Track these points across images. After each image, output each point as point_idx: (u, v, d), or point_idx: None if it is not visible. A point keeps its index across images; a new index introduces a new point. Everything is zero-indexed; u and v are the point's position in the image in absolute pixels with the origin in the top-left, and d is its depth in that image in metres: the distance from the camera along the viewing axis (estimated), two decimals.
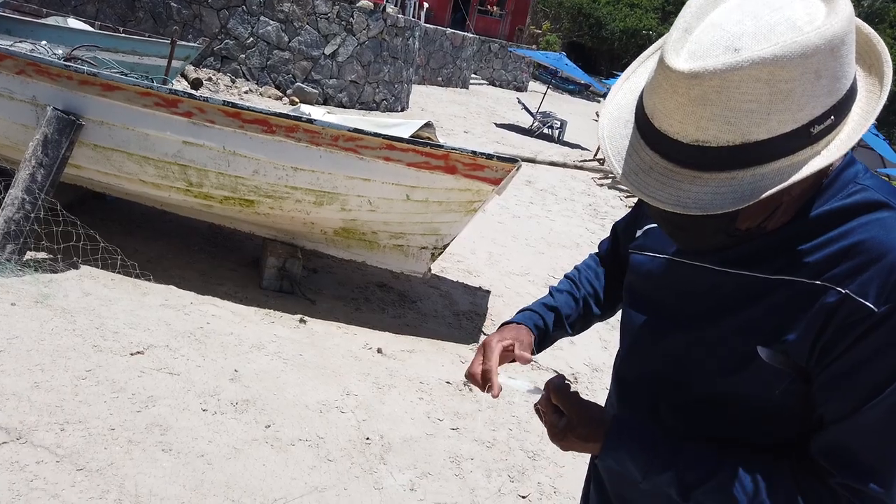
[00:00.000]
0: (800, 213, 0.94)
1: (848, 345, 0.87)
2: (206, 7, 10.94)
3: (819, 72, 0.78)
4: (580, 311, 1.31)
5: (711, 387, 1.00)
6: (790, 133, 0.80)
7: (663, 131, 0.84)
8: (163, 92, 3.62)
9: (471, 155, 3.82)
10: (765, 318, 0.94)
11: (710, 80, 0.77)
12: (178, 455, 2.60)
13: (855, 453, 0.89)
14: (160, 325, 3.45)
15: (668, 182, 0.85)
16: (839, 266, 0.88)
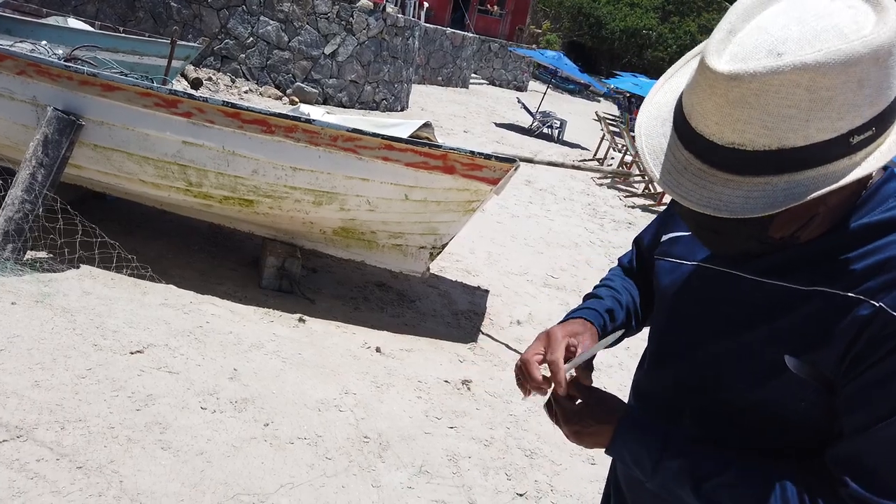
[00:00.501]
0: (837, 225, 0.93)
1: (878, 358, 0.86)
2: (206, 7, 10.95)
3: (862, 81, 0.77)
4: (624, 319, 1.26)
5: (737, 395, 1.00)
6: (829, 141, 0.79)
7: (700, 132, 0.84)
8: (162, 92, 3.64)
9: (469, 155, 3.84)
10: (796, 328, 0.93)
11: (750, 83, 0.78)
12: (177, 453, 2.61)
13: (869, 466, 0.88)
14: (160, 324, 3.47)
15: (701, 183, 0.86)
16: (874, 279, 0.87)
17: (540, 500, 2.88)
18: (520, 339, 4.49)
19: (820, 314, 0.91)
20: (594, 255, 6.92)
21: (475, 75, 24.39)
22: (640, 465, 1.01)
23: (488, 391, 3.68)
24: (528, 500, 2.86)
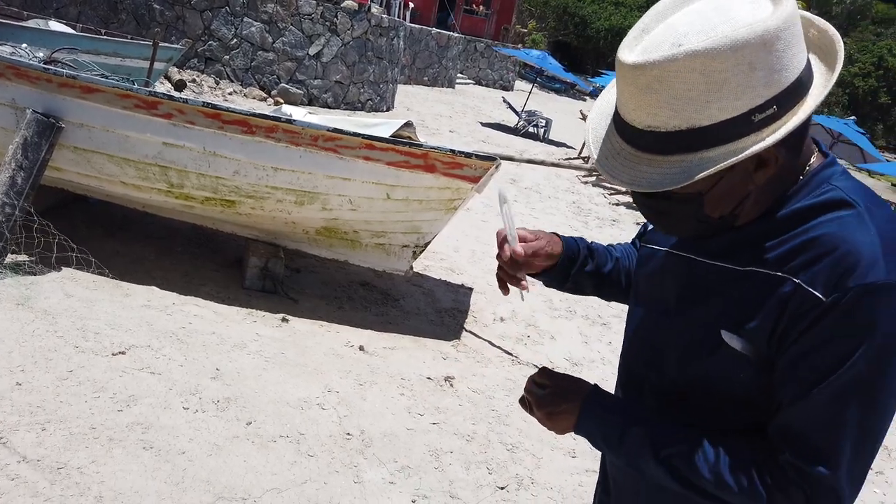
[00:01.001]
0: (774, 208, 0.99)
1: (799, 332, 0.93)
2: (189, 8, 10.92)
3: (753, 64, 0.84)
4: (613, 269, 1.34)
5: (683, 372, 1.07)
6: (731, 120, 0.87)
7: (626, 120, 0.95)
8: (142, 94, 3.65)
9: (450, 154, 3.87)
10: (732, 306, 1.00)
11: (651, 70, 0.87)
12: (159, 452, 2.63)
13: (802, 435, 0.94)
14: (142, 325, 3.47)
15: (630, 165, 0.95)
16: (797, 259, 0.94)
17: (520, 493, 2.92)
18: (503, 335, 4.53)
19: (752, 292, 0.98)
20: None
21: (461, 75, 24.42)
22: (607, 439, 1.08)
23: (471, 387, 3.71)
24: (508, 493, 2.90)
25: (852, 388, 0.90)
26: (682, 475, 1.01)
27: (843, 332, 0.90)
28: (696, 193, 0.96)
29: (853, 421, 0.91)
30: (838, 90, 40.70)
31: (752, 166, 0.95)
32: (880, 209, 0.96)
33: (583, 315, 5.23)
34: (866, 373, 0.90)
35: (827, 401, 0.92)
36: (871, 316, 0.89)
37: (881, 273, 0.88)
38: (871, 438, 0.93)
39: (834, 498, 0.93)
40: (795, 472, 0.94)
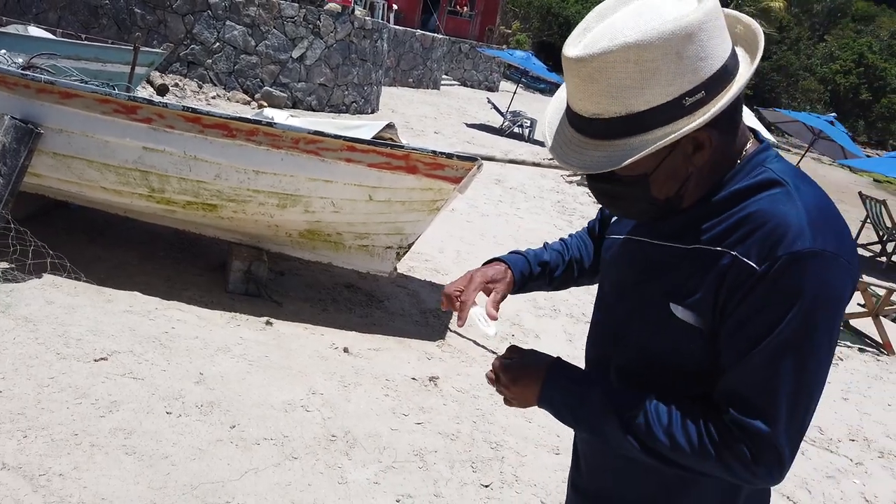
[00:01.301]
0: (715, 191, 1.08)
1: (738, 301, 1.01)
2: (170, 13, 10.88)
3: (680, 53, 0.94)
4: (565, 269, 1.45)
5: (640, 347, 1.15)
6: (665, 104, 0.97)
7: (575, 110, 1.04)
8: (121, 98, 3.63)
9: (431, 154, 3.88)
10: (679, 281, 1.09)
11: (591, 62, 0.96)
12: (142, 457, 2.63)
13: (742, 395, 1.02)
14: (124, 331, 3.46)
15: (579, 151, 1.05)
16: (734, 234, 1.03)
17: (504, 491, 2.94)
18: (487, 335, 4.54)
19: (696, 267, 1.07)
20: None
21: (446, 76, 24.45)
22: (568, 407, 1.15)
23: (455, 387, 3.73)
24: (493, 491, 2.91)
25: (785, 349, 0.99)
26: (639, 439, 1.08)
27: (774, 298, 0.98)
28: (642, 175, 1.05)
29: (787, 379, 0.99)
30: (820, 87, 41.13)
31: (689, 149, 1.03)
32: (808, 186, 1.05)
33: (567, 313, 5.26)
34: (797, 334, 0.98)
35: (763, 362, 1.00)
36: (799, 281, 0.97)
37: (807, 241, 0.97)
38: (804, 395, 1.01)
39: (775, 454, 1.01)
40: (739, 430, 1.01)
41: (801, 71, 41.87)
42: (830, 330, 1.00)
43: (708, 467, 1.05)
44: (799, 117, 14.54)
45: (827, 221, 1.01)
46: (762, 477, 1.03)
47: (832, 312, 0.99)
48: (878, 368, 5.68)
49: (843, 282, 0.99)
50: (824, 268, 0.97)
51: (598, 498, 1.30)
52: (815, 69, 42.04)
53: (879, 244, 11.10)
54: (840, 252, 0.98)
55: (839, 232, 1.01)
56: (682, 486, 1.16)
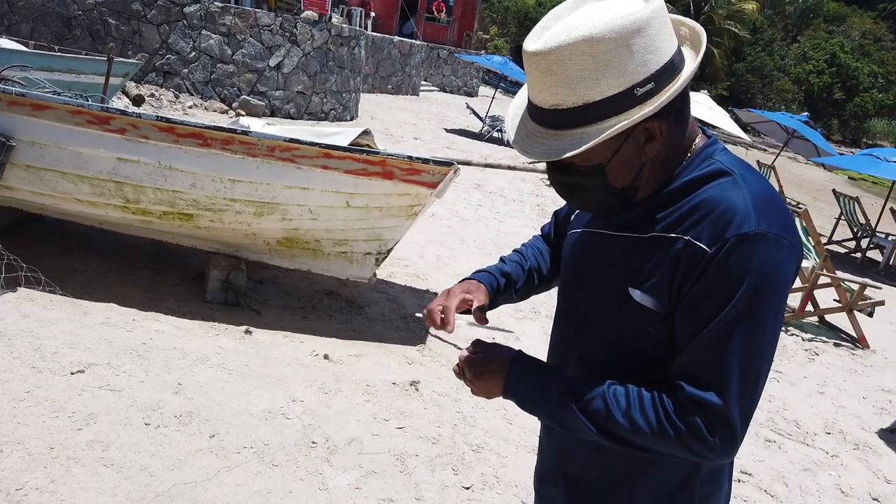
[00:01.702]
0: (668, 183, 1.16)
1: (691, 283, 1.08)
2: (145, 23, 10.81)
3: (630, 46, 1.02)
4: (525, 280, 1.49)
5: (601, 334, 1.21)
6: (618, 94, 1.04)
7: (535, 103, 1.11)
8: (94, 109, 3.62)
9: (407, 160, 3.90)
10: (637, 267, 1.15)
11: (549, 55, 1.04)
12: (120, 469, 2.61)
13: (695, 371, 1.08)
14: (101, 343, 3.44)
15: (540, 141, 1.11)
16: (687, 221, 1.11)
17: (486, 492, 2.95)
18: (468, 338, 4.56)
19: (653, 253, 1.13)
20: None
21: (425, 82, 24.50)
22: (532, 396, 1.20)
23: (436, 391, 3.74)
24: (474, 493, 2.93)
25: (734, 325, 1.05)
26: (599, 424, 1.13)
27: (724, 277, 1.05)
28: (599, 165, 1.12)
29: (737, 354, 1.05)
30: (794, 87, 41.73)
31: (642, 139, 1.11)
32: (753, 176, 1.13)
33: (547, 315, 5.29)
34: (745, 310, 1.05)
35: (714, 339, 1.06)
36: (746, 261, 1.04)
37: (753, 224, 1.05)
38: (753, 369, 1.07)
39: (728, 427, 1.06)
40: (693, 404, 1.07)
41: (776, 72, 42.46)
42: (776, 306, 1.07)
43: (667, 446, 1.10)
44: (773, 117, 14.77)
45: (771, 207, 1.08)
46: (717, 451, 1.08)
47: (777, 290, 1.06)
48: (853, 362, 5.78)
49: (787, 261, 1.06)
50: (769, 248, 1.04)
51: (564, 483, 1.34)
52: (789, 70, 42.66)
53: (854, 240, 11.28)
54: (784, 234, 1.06)
55: (782, 216, 1.08)
56: (644, 467, 1.21)
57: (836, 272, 6.38)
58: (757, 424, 4.15)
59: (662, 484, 1.22)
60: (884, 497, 3.67)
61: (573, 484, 1.32)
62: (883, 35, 46.81)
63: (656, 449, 1.12)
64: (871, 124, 42.48)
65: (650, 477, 1.22)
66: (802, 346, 5.91)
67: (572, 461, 1.32)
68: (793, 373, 5.22)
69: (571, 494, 1.33)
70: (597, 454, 1.25)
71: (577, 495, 1.32)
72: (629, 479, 1.23)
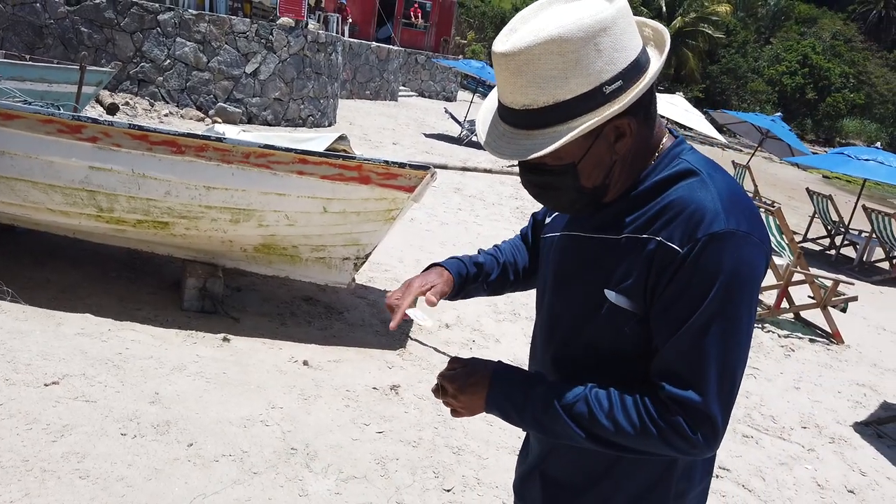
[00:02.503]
0: (638, 184, 1.17)
1: (665, 283, 1.10)
2: (118, 31, 10.71)
3: (598, 45, 1.04)
4: (499, 273, 1.50)
5: (579, 334, 1.22)
6: (587, 93, 1.06)
7: (506, 104, 1.12)
8: (65, 118, 3.58)
9: (383, 164, 3.91)
10: (612, 268, 1.16)
11: (519, 55, 1.05)
12: (96, 481, 2.58)
13: (674, 370, 1.10)
14: (76, 353, 3.40)
15: (512, 141, 1.12)
16: (658, 221, 1.12)
17: (466, 494, 2.96)
18: (449, 341, 4.57)
19: (627, 254, 1.15)
20: None
21: (404, 88, 24.53)
22: (515, 408, 1.20)
23: (417, 394, 3.74)
24: (454, 495, 2.93)
25: (709, 323, 1.07)
26: (584, 428, 1.14)
27: (697, 277, 1.07)
28: (570, 164, 1.13)
29: (713, 351, 1.07)
30: (768, 88, 42.34)
31: (612, 137, 1.12)
32: (720, 175, 1.15)
33: (527, 317, 5.32)
34: (719, 309, 1.06)
35: (690, 338, 1.08)
36: (718, 259, 1.06)
37: (722, 223, 1.06)
38: (730, 365, 1.09)
39: (710, 423, 1.08)
40: (673, 403, 1.09)
41: (750, 73, 43.06)
42: (749, 302, 1.09)
43: (651, 445, 1.11)
44: (747, 118, 14.97)
45: (738, 205, 1.10)
46: (700, 447, 1.10)
47: (749, 286, 1.08)
48: (829, 357, 5.87)
49: (757, 258, 1.08)
50: (739, 246, 1.06)
51: (542, 482, 1.35)
52: (763, 71, 43.28)
53: (828, 238, 11.46)
54: (752, 231, 1.08)
55: (750, 214, 1.10)
56: (619, 465, 1.23)
57: (810, 269, 6.48)
58: (734, 420, 4.20)
59: (638, 481, 1.23)
60: (859, 489, 3.73)
61: (551, 483, 1.34)
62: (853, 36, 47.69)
63: (641, 449, 1.13)
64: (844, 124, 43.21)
65: (626, 475, 1.23)
66: (778, 342, 5.99)
67: (552, 461, 1.33)
68: (769, 369, 5.29)
69: (549, 494, 1.34)
70: (574, 454, 1.27)
71: (554, 494, 1.33)
72: (605, 477, 1.25)
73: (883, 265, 10.53)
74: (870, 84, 44.21)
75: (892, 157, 10.06)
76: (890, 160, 9.86)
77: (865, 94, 43.35)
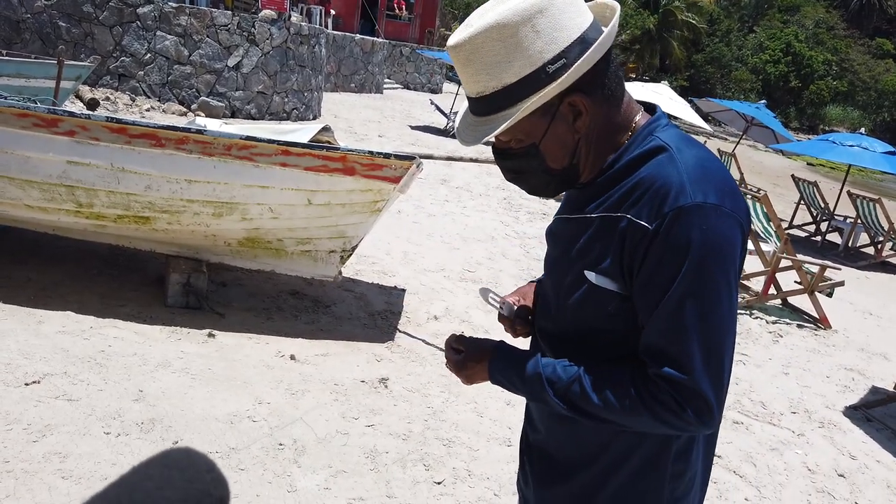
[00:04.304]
0: (613, 164, 1.19)
1: (640, 261, 1.10)
2: (97, 25, 10.55)
3: (535, 27, 1.08)
4: None
5: (571, 316, 1.23)
6: (532, 73, 1.10)
7: (467, 94, 1.18)
8: (41, 112, 3.50)
9: (368, 155, 3.85)
10: (587, 248, 1.18)
11: (465, 45, 1.11)
12: (79, 480, 2.52)
13: (658, 348, 1.10)
14: (57, 352, 3.33)
15: (477, 129, 1.18)
16: (628, 199, 1.13)
17: (457, 486, 2.93)
18: (437, 333, 4.54)
19: (601, 234, 1.16)
20: (510, 247, 7.05)
21: (389, 80, 24.39)
22: (513, 381, 1.25)
23: (406, 387, 3.71)
24: (445, 487, 2.90)
25: (685, 298, 1.07)
26: (575, 403, 1.16)
27: (668, 253, 1.07)
28: (532, 145, 1.17)
29: (693, 326, 1.07)
30: (752, 77, 42.52)
31: (570, 117, 1.15)
32: (690, 149, 1.14)
33: None
34: (693, 282, 1.06)
35: (668, 314, 1.08)
36: (687, 233, 1.06)
37: (688, 197, 1.06)
38: (714, 339, 1.08)
39: (699, 398, 1.08)
40: (662, 381, 1.09)
41: (734, 62, 43.20)
42: (725, 274, 1.07)
43: (644, 422, 1.13)
44: (731, 106, 15.02)
45: (706, 177, 1.09)
46: (694, 423, 1.10)
47: (722, 258, 1.06)
48: (816, 342, 5.90)
49: (728, 229, 1.07)
50: (707, 218, 1.05)
51: (539, 460, 1.38)
52: (747, 59, 43.44)
53: (813, 224, 11.53)
54: (721, 202, 1.07)
55: (719, 185, 1.09)
56: (614, 445, 1.23)
57: (796, 255, 6.50)
58: (724, 407, 4.20)
59: (633, 462, 1.23)
60: (849, 473, 3.74)
61: (548, 462, 1.35)
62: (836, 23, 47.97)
63: (634, 425, 1.15)
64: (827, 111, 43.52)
65: (621, 454, 1.23)
66: (766, 328, 6.01)
67: (552, 437, 1.34)
68: (758, 355, 5.30)
69: (545, 471, 1.35)
70: (571, 431, 1.28)
71: (550, 473, 1.34)
72: (601, 454, 1.25)
73: (868, 250, 10.60)
74: (852, 71, 44.53)
75: (875, 142, 10.12)
76: (874, 146, 9.91)
77: (848, 82, 43.67)
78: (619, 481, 1.23)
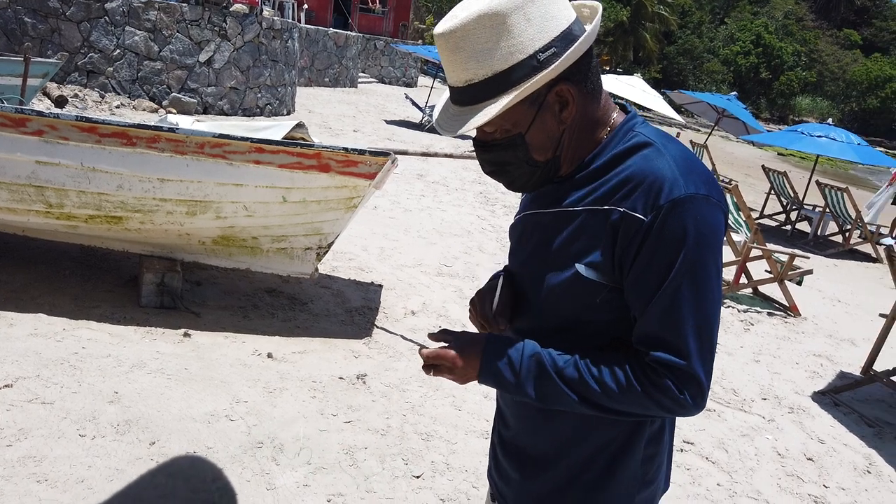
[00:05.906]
0: (594, 159, 1.20)
1: (634, 253, 1.13)
2: (64, 20, 10.35)
3: (527, 15, 1.10)
4: None
5: (555, 310, 1.23)
6: (523, 61, 1.11)
7: (452, 84, 1.18)
8: (7, 111, 3.44)
9: (342, 151, 3.85)
10: (574, 240, 1.19)
11: (454, 32, 1.12)
12: (55, 484, 2.51)
13: (655, 336, 1.14)
14: (29, 355, 3.29)
15: (458, 119, 1.18)
16: (619, 193, 1.15)
17: (436, 479, 2.96)
18: (414, 328, 4.56)
19: (587, 226, 1.18)
20: (486, 241, 7.09)
21: (363, 74, 24.26)
22: (508, 374, 1.23)
23: (384, 382, 3.72)
24: (424, 481, 2.93)
25: (681, 288, 1.11)
26: (575, 391, 1.18)
27: (664, 243, 1.10)
28: (518, 135, 1.17)
29: (689, 313, 1.12)
30: (724, 69, 43.03)
31: (557, 107, 1.17)
32: (673, 144, 1.19)
33: None
34: (689, 272, 1.11)
35: (666, 304, 1.12)
36: (682, 223, 1.10)
37: (682, 189, 1.11)
38: (707, 325, 1.13)
39: (695, 383, 1.13)
40: (661, 367, 1.13)
41: (705, 54, 43.70)
42: (715, 260, 1.13)
43: (642, 407, 1.16)
44: (703, 98, 15.21)
45: (693, 170, 1.14)
46: (689, 406, 1.15)
47: (714, 246, 1.12)
48: (786, 330, 6.02)
49: (717, 218, 1.13)
50: (699, 207, 1.11)
51: (517, 455, 1.37)
52: (718, 51, 43.96)
53: (784, 213, 11.74)
54: (710, 193, 1.12)
55: (705, 177, 1.15)
56: (586, 432, 1.26)
57: (766, 245, 6.62)
58: None
59: (607, 447, 1.26)
60: (817, 456, 3.84)
61: (524, 455, 1.35)
62: (804, 15, 48.74)
63: (632, 411, 1.17)
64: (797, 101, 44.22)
65: (594, 442, 1.26)
66: (738, 317, 6.13)
67: (525, 433, 1.35)
68: (730, 343, 5.41)
69: (523, 466, 1.36)
70: (542, 422, 1.29)
71: (528, 466, 1.35)
72: (573, 445, 1.27)
73: (836, 238, 10.82)
74: (821, 62, 45.30)
75: (843, 132, 10.33)
76: (841, 136, 10.11)
77: (817, 72, 44.42)
78: (595, 470, 1.26)
